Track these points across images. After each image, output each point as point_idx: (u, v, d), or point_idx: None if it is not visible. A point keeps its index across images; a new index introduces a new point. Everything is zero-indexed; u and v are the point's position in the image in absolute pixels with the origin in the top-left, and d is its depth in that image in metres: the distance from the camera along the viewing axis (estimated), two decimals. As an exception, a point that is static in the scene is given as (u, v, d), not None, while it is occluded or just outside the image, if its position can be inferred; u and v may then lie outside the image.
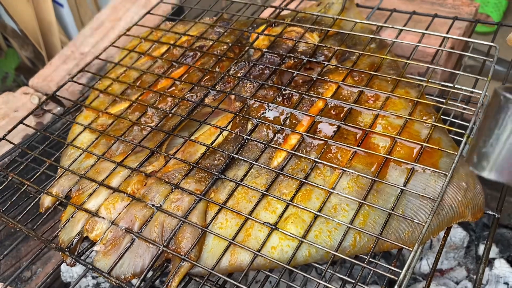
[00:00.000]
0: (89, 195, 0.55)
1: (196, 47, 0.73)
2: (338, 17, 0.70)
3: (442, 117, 0.57)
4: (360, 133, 0.54)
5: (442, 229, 0.47)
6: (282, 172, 0.52)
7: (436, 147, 0.50)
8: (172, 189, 0.53)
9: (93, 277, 0.76)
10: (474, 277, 0.74)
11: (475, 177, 0.50)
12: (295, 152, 0.53)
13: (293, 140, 0.55)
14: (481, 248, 0.77)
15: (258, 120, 0.58)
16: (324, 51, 0.66)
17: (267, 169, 0.53)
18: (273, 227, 0.47)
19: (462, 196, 0.48)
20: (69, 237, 0.53)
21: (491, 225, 0.50)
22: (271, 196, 0.50)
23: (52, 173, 0.63)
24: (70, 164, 0.61)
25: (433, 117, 0.54)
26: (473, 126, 0.51)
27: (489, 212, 0.50)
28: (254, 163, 0.54)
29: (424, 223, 0.44)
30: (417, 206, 0.47)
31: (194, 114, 0.62)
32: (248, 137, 0.56)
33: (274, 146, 0.55)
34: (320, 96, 0.59)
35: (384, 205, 0.48)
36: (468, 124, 0.52)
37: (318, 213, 0.47)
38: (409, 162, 0.49)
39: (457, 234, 0.76)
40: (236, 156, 0.55)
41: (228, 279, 0.45)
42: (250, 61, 0.66)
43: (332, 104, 0.58)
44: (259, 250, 0.46)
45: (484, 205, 0.49)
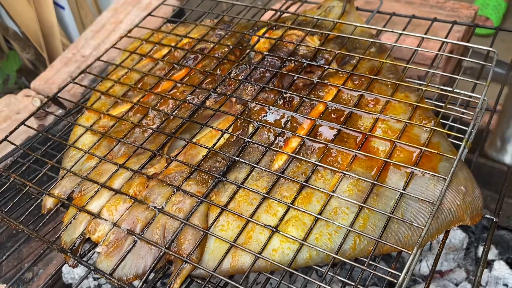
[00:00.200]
0: (91, 197, 0.55)
1: (197, 50, 0.74)
2: (338, 21, 0.70)
3: (441, 121, 0.57)
4: (360, 137, 0.54)
5: (441, 233, 0.48)
6: (283, 175, 0.52)
7: (435, 151, 0.51)
8: (173, 191, 0.53)
9: (95, 279, 0.76)
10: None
11: (474, 182, 0.50)
12: (296, 155, 0.54)
13: (294, 143, 0.56)
14: (481, 250, 0.78)
15: (259, 123, 0.58)
16: (325, 54, 0.66)
17: (268, 172, 0.53)
18: (274, 230, 0.48)
19: (461, 200, 0.48)
20: (71, 238, 0.53)
21: (490, 229, 0.51)
22: (272, 198, 0.51)
23: (54, 174, 0.63)
24: (72, 166, 0.61)
25: (433, 121, 0.54)
26: (472, 130, 0.52)
27: (488, 216, 0.50)
28: (255, 165, 0.54)
29: (423, 227, 0.45)
30: (416, 209, 0.48)
31: (195, 117, 0.63)
32: (249, 140, 0.57)
33: (275, 149, 0.55)
34: (320, 100, 0.59)
35: (383, 208, 0.48)
36: (467, 128, 0.52)
37: (319, 216, 0.48)
38: (409, 166, 0.50)
39: (457, 236, 0.76)
40: (237, 158, 0.55)
41: (229, 281, 0.46)
42: (251, 64, 0.67)
43: (333, 108, 0.58)
44: (260, 253, 0.47)
45: (482, 209, 0.49)
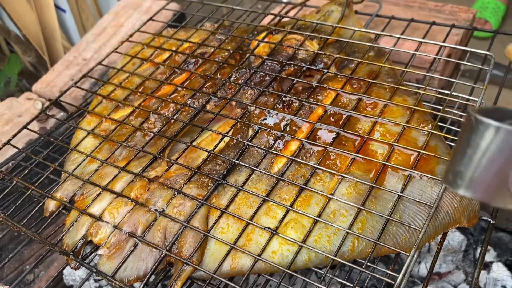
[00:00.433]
0: (93, 200, 0.56)
1: (198, 54, 0.74)
2: (337, 25, 0.71)
3: (439, 124, 0.58)
4: (358, 140, 0.55)
5: (439, 235, 0.48)
6: (282, 178, 0.53)
7: (433, 154, 0.51)
8: (174, 194, 0.54)
9: (96, 281, 0.76)
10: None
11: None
12: (295, 158, 0.54)
13: (293, 146, 0.56)
14: (479, 252, 0.78)
15: (259, 127, 0.59)
16: (324, 58, 0.67)
17: (268, 175, 0.54)
18: (274, 232, 0.48)
19: (458, 202, 0.48)
20: (73, 241, 0.54)
21: (487, 230, 0.51)
22: (272, 201, 0.51)
23: (56, 177, 0.64)
24: (74, 169, 0.62)
25: (430, 124, 0.55)
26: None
27: (485, 218, 0.51)
28: (255, 169, 0.55)
29: (420, 229, 0.45)
30: (414, 212, 0.48)
31: (196, 120, 0.63)
32: (249, 143, 0.57)
33: (275, 152, 0.56)
34: (319, 103, 0.60)
35: (382, 210, 0.49)
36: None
37: (318, 219, 0.48)
38: (407, 169, 0.50)
39: (455, 238, 0.77)
40: (237, 162, 0.56)
41: (229, 283, 0.46)
42: (251, 68, 0.67)
43: (332, 111, 0.59)
44: (259, 255, 0.47)
45: (479, 211, 0.50)
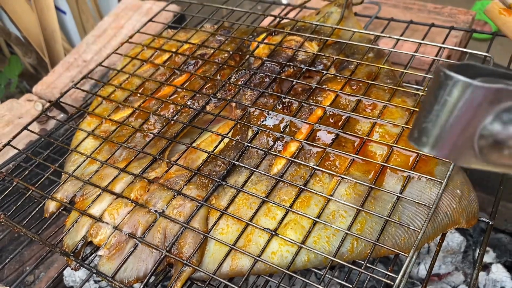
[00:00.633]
0: (93, 201, 0.56)
1: (198, 55, 0.75)
2: (336, 27, 0.71)
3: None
4: (358, 141, 0.55)
5: (437, 236, 0.48)
6: (282, 179, 0.53)
7: (431, 155, 0.51)
8: (174, 195, 0.54)
9: (96, 281, 0.77)
10: (471, 282, 0.75)
11: (470, 185, 0.51)
12: (295, 160, 0.54)
13: (293, 147, 0.56)
14: (478, 253, 0.78)
15: (259, 128, 0.59)
16: (323, 60, 0.67)
17: (267, 176, 0.54)
18: (273, 233, 0.48)
19: (456, 203, 0.49)
20: (73, 241, 0.54)
21: (486, 232, 0.51)
22: (271, 202, 0.51)
23: (56, 178, 0.64)
24: (74, 170, 0.62)
25: (429, 125, 0.55)
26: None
27: (483, 219, 0.51)
28: (254, 170, 0.55)
29: (419, 230, 0.45)
30: (413, 213, 0.48)
31: (195, 121, 0.64)
32: (249, 144, 0.58)
33: (274, 153, 0.56)
34: (319, 105, 0.60)
35: (381, 211, 0.49)
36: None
37: (317, 220, 0.48)
38: (406, 170, 0.50)
39: (455, 239, 0.77)
40: (237, 163, 0.56)
41: (229, 284, 0.46)
42: (250, 69, 0.68)
43: (331, 112, 0.59)
44: (259, 256, 0.47)
45: (478, 213, 0.50)
